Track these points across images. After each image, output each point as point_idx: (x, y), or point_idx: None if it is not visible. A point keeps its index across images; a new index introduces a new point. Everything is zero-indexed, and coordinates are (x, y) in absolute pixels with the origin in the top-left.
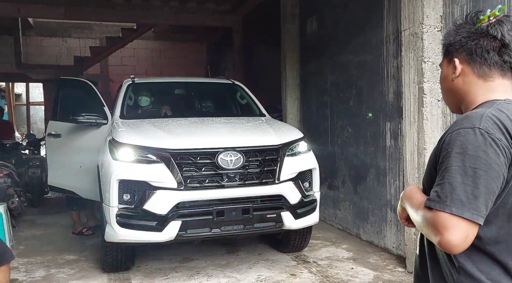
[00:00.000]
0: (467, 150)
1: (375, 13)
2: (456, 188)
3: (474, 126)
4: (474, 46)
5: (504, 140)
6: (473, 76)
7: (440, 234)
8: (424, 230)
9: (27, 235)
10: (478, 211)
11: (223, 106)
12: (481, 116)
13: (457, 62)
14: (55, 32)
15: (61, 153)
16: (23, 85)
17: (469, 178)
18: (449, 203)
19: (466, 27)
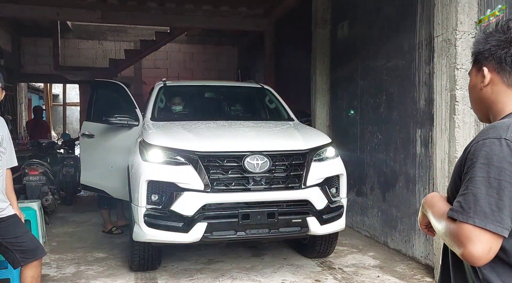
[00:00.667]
0: (492, 160)
1: (408, 18)
2: (480, 200)
3: (501, 137)
4: (504, 54)
5: None
6: (502, 85)
7: (463, 246)
8: (447, 240)
9: (59, 232)
10: (502, 223)
11: (252, 110)
12: (508, 126)
13: (486, 71)
14: (92, 35)
15: (94, 152)
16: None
17: (493, 189)
18: (472, 215)
19: (496, 36)
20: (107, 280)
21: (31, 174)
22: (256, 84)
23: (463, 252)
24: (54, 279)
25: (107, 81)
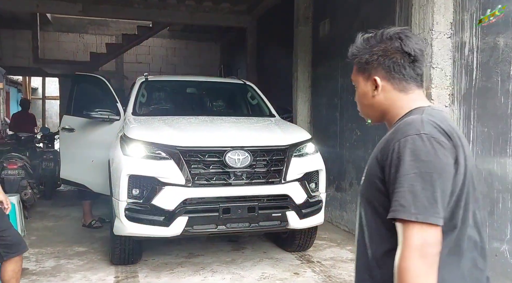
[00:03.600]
0: (419, 155)
1: (387, 17)
2: (418, 195)
3: (420, 132)
4: (392, 63)
5: (447, 143)
6: (394, 91)
7: (409, 243)
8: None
9: (38, 226)
10: (440, 213)
11: (234, 106)
12: (420, 122)
13: (378, 80)
14: (72, 28)
15: (74, 147)
16: (39, 80)
17: (427, 183)
18: (414, 211)
19: (380, 45)
20: (87, 273)
21: (9, 167)
22: (238, 80)
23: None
24: (34, 272)
25: (88, 75)
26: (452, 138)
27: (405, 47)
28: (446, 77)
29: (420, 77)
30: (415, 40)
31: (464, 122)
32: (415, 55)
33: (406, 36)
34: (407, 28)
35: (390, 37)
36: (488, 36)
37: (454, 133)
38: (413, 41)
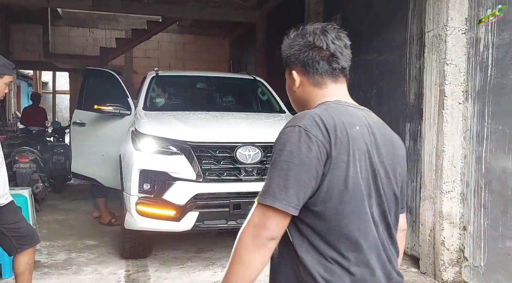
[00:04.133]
0: (285, 146)
1: (400, 13)
2: (271, 182)
3: (296, 125)
4: (306, 58)
5: (320, 136)
6: (309, 85)
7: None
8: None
9: (49, 219)
10: (288, 201)
11: (244, 102)
12: (304, 115)
13: (295, 75)
14: (82, 23)
15: (85, 141)
16: (49, 74)
17: (283, 171)
18: (266, 196)
19: (297, 40)
20: (99, 267)
21: (21, 161)
22: (248, 76)
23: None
24: (45, 265)
25: (98, 69)
26: (331, 134)
27: (317, 42)
28: (460, 74)
29: (339, 71)
30: (333, 35)
31: (478, 119)
32: (328, 49)
33: (324, 31)
34: (329, 23)
35: (307, 33)
36: (504, 32)
37: (341, 130)
38: (329, 36)
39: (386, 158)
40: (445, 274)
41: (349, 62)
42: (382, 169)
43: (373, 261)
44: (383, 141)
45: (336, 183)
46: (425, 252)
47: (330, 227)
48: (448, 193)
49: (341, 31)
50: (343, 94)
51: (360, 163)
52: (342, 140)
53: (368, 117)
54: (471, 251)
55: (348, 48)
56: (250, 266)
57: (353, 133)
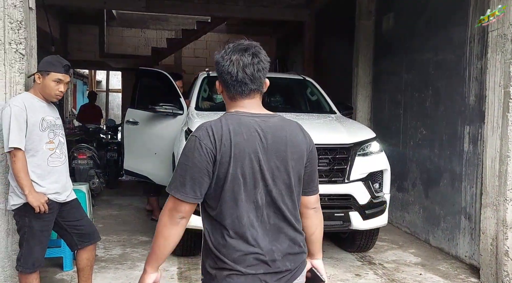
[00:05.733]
0: (185, 150)
1: (459, 10)
2: (176, 178)
3: (194, 135)
4: (222, 78)
5: (209, 144)
6: (225, 95)
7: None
8: None
9: (104, 214)
10: (185, 192)
11: (293, 102)
12: (201, 126)
13: (217, 84)
14: (135, 24)
15: (138, 139)
16: (103, 73)
17: (182, 170)
18: (171, 188)
19: (220, 61)
20: None
21: (79, 157)
22: (297, 76)
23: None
24: (103, 259)
25: (151, 70)
26: (217, 142)
27: (229, 69)
28: None
29: (250, 91)
30: (246, 61)
31: None
32: (236, 77)
33: (239, 58)
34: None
35: (225, 57)
36: None
37: (226, 137)
38: (241, 63)
39: (275, 155)
40: None
41: (260, 84)
42: (270, 164)
43: (253, 234)
44: (274, 142)
45: (220, 178)
46: (486, 262)
47: (216, 208)
48: None
49: (258, 54)
50: (251, 105)
51: (242, 162)
52: (226, 146)
53: (264, 122)
54: None
55: (262, 71)
56: (169, 238)
57: (236, 140)
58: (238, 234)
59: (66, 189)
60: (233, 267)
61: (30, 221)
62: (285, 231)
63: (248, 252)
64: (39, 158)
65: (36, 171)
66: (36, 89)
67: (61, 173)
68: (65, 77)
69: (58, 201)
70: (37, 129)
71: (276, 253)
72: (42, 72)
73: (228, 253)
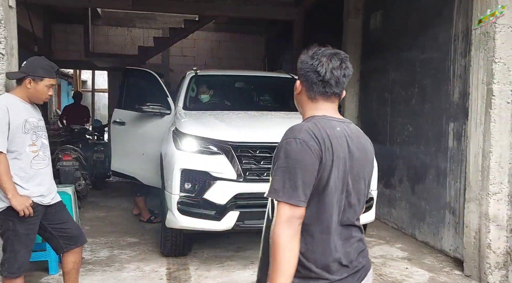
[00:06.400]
0: (290, 155)
1: (444, 10)
2: (285, 183)
3: (296, 137)
4: (307, 77)
5: (316, 146)
6: (305, 96)
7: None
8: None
9: (91, 216)
10: (299, 197)
11: (282, 101)
12: (300, 129)
13: (298, 84)
14: (121, 22)
15: (125, 140)
16: (88, 73)
17: (291, 174)
18: (281, 194)
19: (307, 60)
20: (140, 264)
21: (64, 159)
22: (286, 75)
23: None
24: (90, 262)
25: (138, 69)
26: (321, 144)
27: (318, 68)
28: (509, 72)
29: (331, 94)
30: (335, 64)
31: None
32: (323, 77)
33: (329, 59)
34: (338, 52)
35: (315, 57)
36: None
37: (327, 141)
38: (331, 65)
39: (358, 162)
40: (491, 278)
41: (342, 89)
42: (353, 171)
43: (334, 239)
44: (357, 148)
45: (321, 181)
46: (470, 255)
47: (311, 213)
48: (495, 195)
49: (346, 61)
50: (331, 110)
51: (338, 167)
52: (328, 149)
53: (348, 128)
54: None
55: (346, 77)
56: (294, 250)
57: (334, 144)
58: (326, 239)
59: (50, 192)
60: (320, 275)
61: (14, 224)
62: (354, 234)
63: (333, 258)
64: (22, 161)
65: (19, 174)
66: (22, 92)
67: (45, 176)
68: (55, 81)
69: (43, 204)
70: (20, 131)
71: (351, 254)
72: (35, 77)
73: (316, 260)
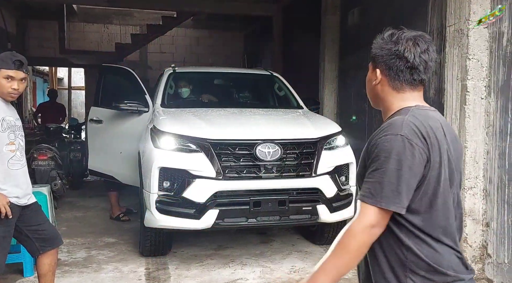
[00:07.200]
0: (391, 153)
1: (419, 7)
2: (384, 187)
3: (398, 133)
4: (391, 64)
5: (420, 144)
6: (388, 86)
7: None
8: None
9: (68, 217)
10: (401, 204)
11: (261, 98)
12: (401, 124)
13: (378, 73)
14: (97, 19)
15: (102, 138)
16: (65, 70)
17: (394, 178)
18: (379, 199)
19: (389, 45)
20: (119, 265)
21: (40, 158)
22: (265, 72)
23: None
24: (66, 263)
25: (115, 66)
26: (427, 140)
27: (406, 53)
28: (483, 69)
29: (420, 82)
30: (423, 48)
31: (501, 114)
32: (413, 62)
33: (415, 43)
34: (422, 34)
35: (399, 41)
36: None
37: (432, 134)
38: (418, 49)
39: (455, 153)
40: None
41: (429, 75)
42: (454, 163)
43: (456, 239)
44: (451, 138)
45: (431, 182)
46: None
47: (424, 218)
48: (471, 189)
49: (431, 45)
50: (419, 99)
51: (445, 163)
52: (434, 144)
53: (440, 117)
54: (495, 248)
55: (432, 62)
56: (361, 257)
57: (439, 137)
58: (451, 241)
59: (27, 193)
60: (456, 276)
61: None
62: (461, 228)
63: (459, 257)
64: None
65: None
66: None
67: (22, 176)
68: (16, 74)
69: (19, 204)
70: None
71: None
72: None
73: (448, 263)
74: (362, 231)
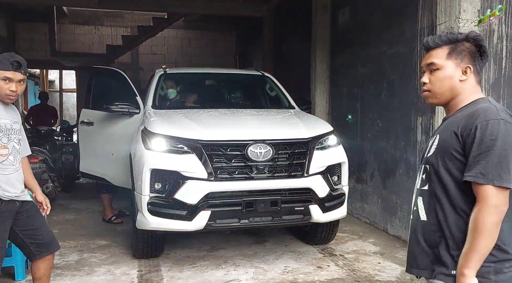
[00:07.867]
0: (498, 136)
1: (410, 5)
2: (495, 166)
3: (497, 118)
4: (479, 60)
5: None
6: (473, 81)
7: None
8: None
9: (60, 220)
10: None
11: (253, 98)
12: (496, 109)
13: (469, 71)
14: (88, 21)
15: (94, 140)
16: (56, 72)
17: (503, 158)
18: (491, 178)
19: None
20: (111, 267)
21: (31, 161)
22: (256, 72)
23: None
24: (58, 267)
25: (105, 68)
26: None
27: (485, 49)
28: None
29: None
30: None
31: None
32: (487, 58)
33: (483, 40)
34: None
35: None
36: None
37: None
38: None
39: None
40: None
41: None
42: None
43: None
44: None
45: None
46: None
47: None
48: None
49: None
50: None
51: None
52: None
53: None
54: None
55: None
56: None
57: None
58: None
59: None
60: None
61: None
62: None
63: None
64: None
65: None
66: None
67: (15, 180)
68: (14, 75)
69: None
70: None
71: None
72: None
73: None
74: (489, 212)
